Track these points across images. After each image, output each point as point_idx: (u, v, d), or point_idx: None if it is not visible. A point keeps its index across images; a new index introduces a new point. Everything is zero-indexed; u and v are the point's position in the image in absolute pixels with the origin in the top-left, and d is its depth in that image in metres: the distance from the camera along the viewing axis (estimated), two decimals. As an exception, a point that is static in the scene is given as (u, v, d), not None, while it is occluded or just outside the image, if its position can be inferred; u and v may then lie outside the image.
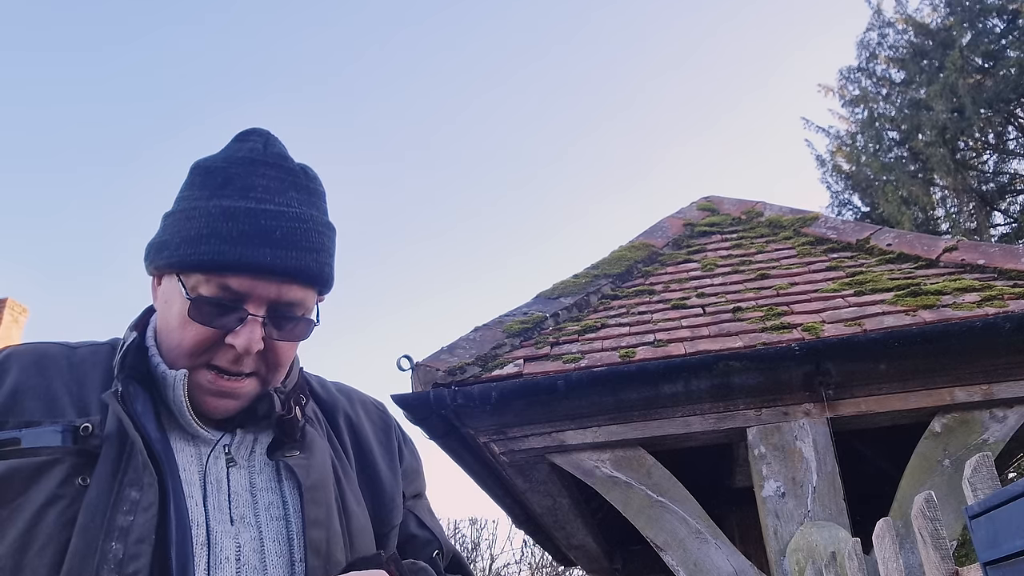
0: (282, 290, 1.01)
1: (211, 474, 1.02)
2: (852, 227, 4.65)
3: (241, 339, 0.99)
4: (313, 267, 1.03)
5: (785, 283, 3.96)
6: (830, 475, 3.19)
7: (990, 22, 12.65)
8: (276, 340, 1.03)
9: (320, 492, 1.04)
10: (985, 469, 1.46)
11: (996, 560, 1.29)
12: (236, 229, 0.99)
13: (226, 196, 1.01)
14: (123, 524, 0.91)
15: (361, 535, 1.07)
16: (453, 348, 3.65)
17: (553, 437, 3.41)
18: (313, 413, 1.16)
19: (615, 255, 4.65)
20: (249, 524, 1.00)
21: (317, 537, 1.00)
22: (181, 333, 1.01)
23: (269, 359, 1.04)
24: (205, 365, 1.02)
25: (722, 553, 3.22)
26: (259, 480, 1.04)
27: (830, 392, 3.26)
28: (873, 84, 14.12)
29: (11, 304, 15.27)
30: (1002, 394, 3.19)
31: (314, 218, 1.05)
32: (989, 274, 3.66)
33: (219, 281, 0.99)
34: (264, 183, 1.03)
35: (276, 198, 1.03)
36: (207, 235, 0.99)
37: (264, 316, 1.01)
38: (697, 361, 3.25)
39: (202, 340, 1.01)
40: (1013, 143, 13.24)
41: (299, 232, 1.02)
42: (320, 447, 1.09)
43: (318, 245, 1.04)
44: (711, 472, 4.81)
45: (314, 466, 1.05)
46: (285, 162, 1.07)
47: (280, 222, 1.01)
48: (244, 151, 1.06)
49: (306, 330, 1.07)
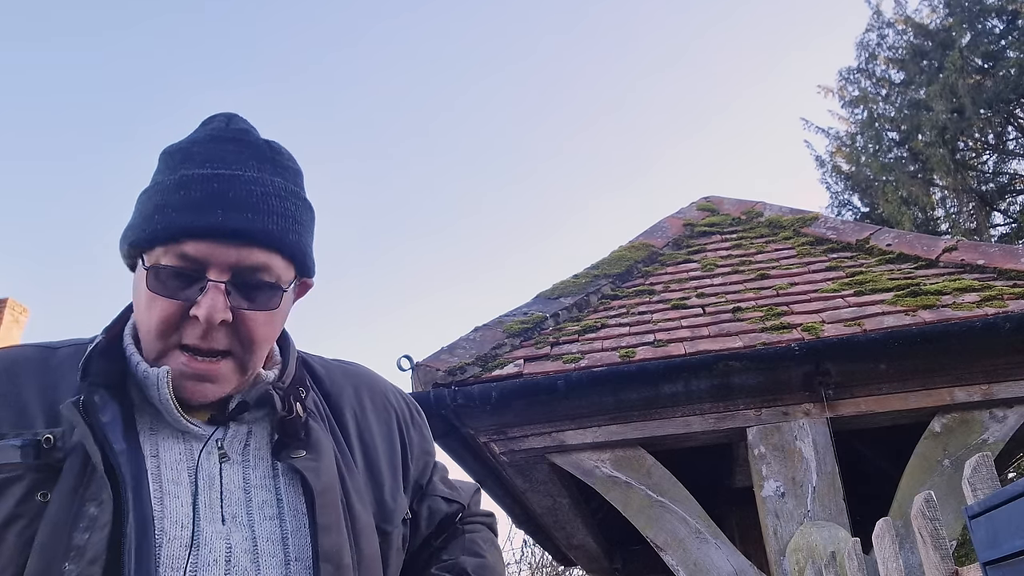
0: (242, 254, 0.96)
1: (203, 470, 0.98)
2: (852, 227, 4.66)
3: (203, 308, 0.94)
4: (273, 230, 0.98)
5: (785, 283, 3.96)
6: (830, 475, 3.19)
7: (990, 22, 12.66)
8: (243, 310, 0.98)
9: (329, 495, 1.01)
10: (985, 469, 1.46)
11: (996, 560, 1.29)
12: (188, 196, 0.96)
13: (184, 168, 0.99)
14: (79, 543, 0.87)
15: (365, 536, 1.04)
16: (453, 348, 3.65)
17: (553, 437, 3.42)
18: (315, 405, 1.11)
19: (615, 255, 4.65)
20: (241, 524, 0.97)
21: (329, 543, 0.97)
22: (148, 314, 0.97)
23: (242, 334, 0.99)
24: (178, 346, 0.98)
25: (722, 553, 3.22)
26: (254, 476, 1.01)
27: (830, 392, 3.26)
28: (873, 85, 14.13)
29: (11, 304, 15.26)
30: (1002, 394, 3.20)
31: (275, 184, 1.01)
32: (989, 274, 3.66)
33: (176, 250, 0.95)
34: (222, 154, 1.00)
35: (232, 166, 0.99)
36: (161, 206, 0.97)
37: (227, 283, 0.96)
38: (697, 361, 3.25)
39: (167, 315, 0.96)
40: (1013, 143, 13.25)
41: (255, 194, 0.98)
42: (326, 446, 1.05)
43: (279, 209, 0.99)
44: (711, 472, 4.81)
45: (323, 468, 1.02)
46: (247, 136, 1.04)
47: (234, 184, 0.97)
48: (207, 131, 1.04)
49: (273, 298, 1.01)
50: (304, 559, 0.98)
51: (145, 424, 1.00)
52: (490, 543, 1.32)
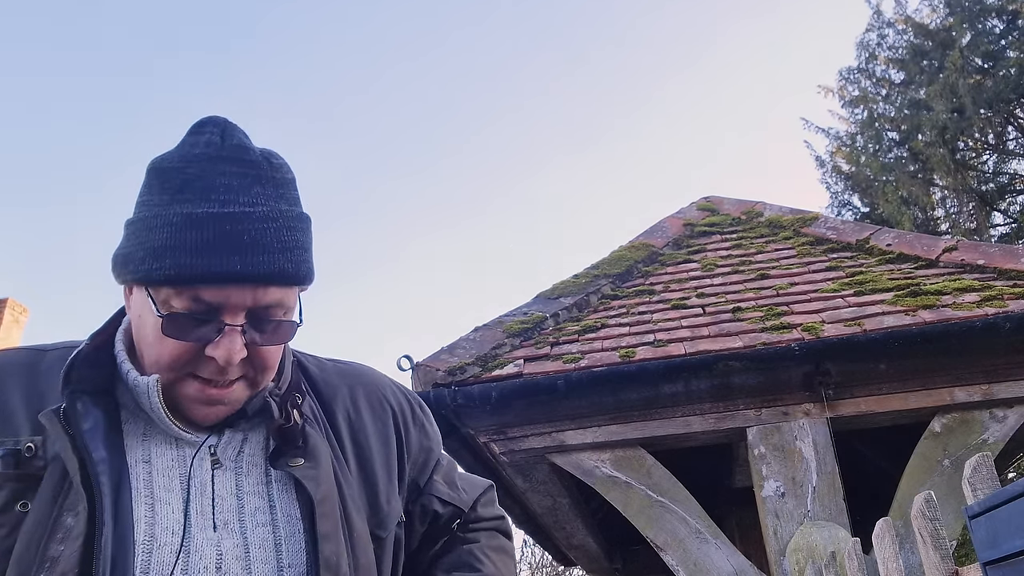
0: (258, 295, 0.95)
1: (196, 477, 0.97)
2: (852, 227, 4.66)
3: (221, 351, 0.94)
4: (288, 268, 0.96)
5: (785, 283, 3.97)
6: (830, 475, 3.20)
7: (990, 22, 12.66)
8: (259, 346, 0.98)
9: (328, 504, 1.00)
10: (985, 469, 1.47)
11: (996, 560, 1.29)
12: (200, 238, 0.92)
13: (186, 201, 0.94)
14: (54, 554, 0.85)
15: (361, 544, 1.04)
16: (453, 348, 3.65)
17: (553, 437, 3.42)
18: (311, 410, 1.09)
19: (615, 255, 4.65)
20: (233, 531, 0.96)
21: (329, 552, 0.97)
22: (159, 348, 0.96)
23: (256, 363, 0.99)
24: (189, 375, 0.97)
25: (722, 553, 3.22)
26: (246, 482, 1.00)
27: (830, 392, 3.26)
28: (873, 85, 14.13)
29: (11, 304, 15.26)
30: (1002, 394, 3.20)
31: (284, 213, 0.97)
32: (989, 274, 3.66)
33: (190, 294, 0.93)
34: (225, 182, 0.95)
35: (240, 198, 0.95)
36: (171, 247, 0.92)
37: (243, 324, 0.95)
38: (697, 361, 3.26)
39: (180, 355, 0.95)
40: (1013, 143, 13.25)
41: (269, 233, 0.95)
42: (324, 453, 1.04)
43: (291, 243, 0.97)
44: (711, 472, 4.81)
45: (322, 477, 1.01)
46: (246, 154, 0.98)
47: (247, 224, 0.93)
48: (200, 146, 0.97)
49: (289, 332, 1.01)
50: (298, 565, 0.97)
51: (138, 430, 0.99)
52: (496, 550, 1.25)
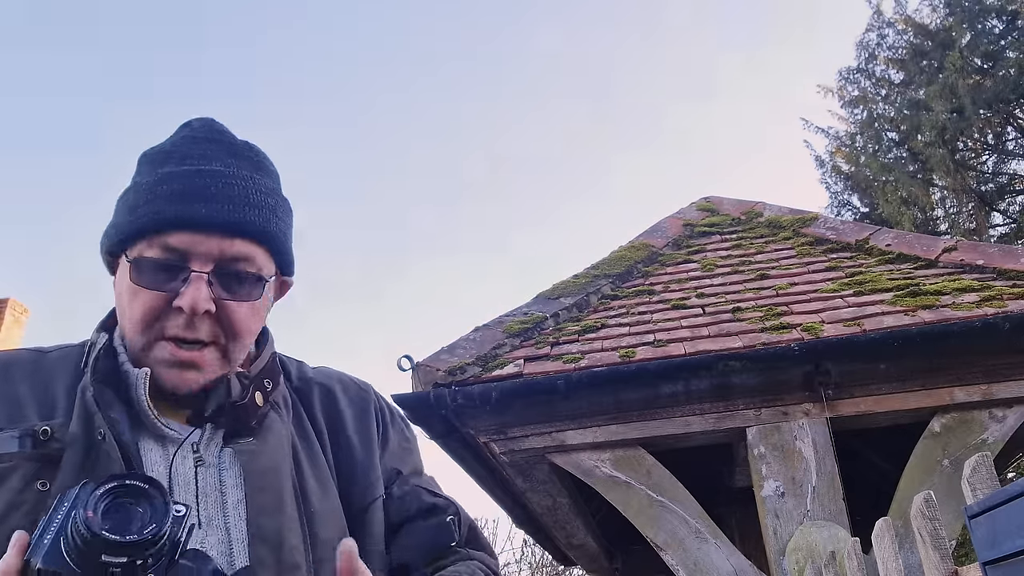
0: (224, 245, 0.99)
1: (179, 475, 0.99)
2: (851, 227, 4.66)
3: (187, 298, 0.96)
4: (255, 221, 1.01)
5: (785, 283, 3.97)
6: (829, 475, 3.20)
7: (989, 23, 12.66)
8: (226, 300, 1.00)
9: (269, 478, 1.01)
10: (984, 469, 1.47)
11: (995, 560, 1.30)
12: (170, 189, 0.99)
13: (164, 167, 1.02)
14: None
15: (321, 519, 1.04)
16: (453, 348, 3.65)
17: (553, 437, 3.42)
18: (283, 399, 1.12)
19: (615, 255, 4.65)
20: (217, 526, 0.97)
21: (265, 524, 0.98)
22: (131, 307, 0.99)
23: (225, 324, 1.00)
24: (162, 338, 0.99)
25: (722, 553, 3.22)
26: (228, 477, 1.01)
27: (830, 392, 3.27)
28: (872, 85, 14.14)
29: (12, 304, 15.25)
30: (1001, 394, 3.20)
31: (255, 179, 1.04)
32: (988, 274, 3.66)
33: (159, 241, 0.98)
34: (201, 150, 1.03)
35: (214, 162, 1.02)
36: (145, 202, 0.99)
37: (209, 273, 0.98)
38: (697, 361, 3.26)
39: (151, 307, 0.98)
40: (1012, 143, 13.26)
41: (237, 188, 1.01)
42: (276, 432, 1.06)
43: (259, 202, 1.02)
44: (711, 472, 4.81)
45: (264, 451, 1.03)
46: (225, 136, 1.07)
47: (217, 179, 1.00)
48: (185, 134, 1.07)
49: (255, 288, 1.03)
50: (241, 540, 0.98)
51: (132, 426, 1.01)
52: None
